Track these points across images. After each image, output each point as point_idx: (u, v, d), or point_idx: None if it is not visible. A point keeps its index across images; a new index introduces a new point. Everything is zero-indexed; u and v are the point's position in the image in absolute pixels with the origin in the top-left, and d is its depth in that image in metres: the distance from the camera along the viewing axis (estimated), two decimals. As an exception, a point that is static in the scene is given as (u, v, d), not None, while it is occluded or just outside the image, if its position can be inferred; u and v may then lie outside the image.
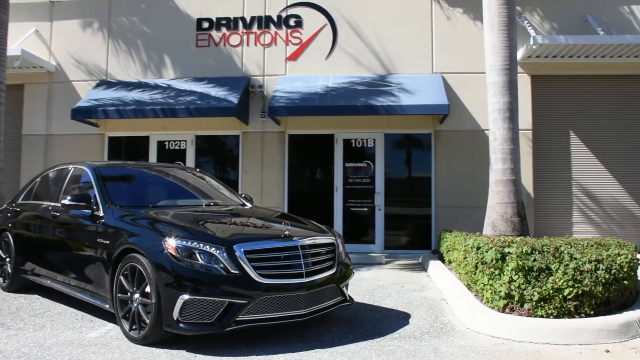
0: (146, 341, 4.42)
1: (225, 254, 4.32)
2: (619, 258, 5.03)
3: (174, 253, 4.32)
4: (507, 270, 4.98)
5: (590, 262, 4.84)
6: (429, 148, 11.29)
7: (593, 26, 10.60)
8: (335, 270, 4.94)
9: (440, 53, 11.18)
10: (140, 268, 4.47)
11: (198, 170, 7.23)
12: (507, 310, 4.89)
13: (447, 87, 10.83)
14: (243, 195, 6.64)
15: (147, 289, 4.43)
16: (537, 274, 4.88)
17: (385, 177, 11.31)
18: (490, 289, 5.13)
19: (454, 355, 4.23)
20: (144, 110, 10.50)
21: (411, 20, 11.27)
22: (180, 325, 4.24)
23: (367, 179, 11.35)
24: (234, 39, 11.58)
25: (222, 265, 4.29)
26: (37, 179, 6.84)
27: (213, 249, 4.33)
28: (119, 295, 4.73)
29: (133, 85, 11.43)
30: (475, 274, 5.59)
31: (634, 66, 10.70)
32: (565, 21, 10.98)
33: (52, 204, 6.05)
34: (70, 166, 6.29)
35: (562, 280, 4.66)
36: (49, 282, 5.98)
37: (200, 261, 4.30)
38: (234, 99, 10.61)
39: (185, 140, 11.66)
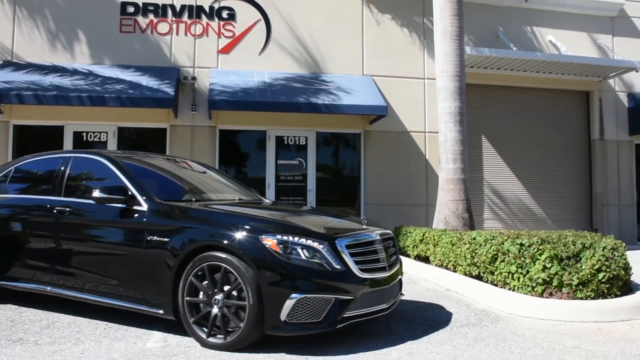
0: (237, 347, 4.09)
1: (328, 249, 4.18)
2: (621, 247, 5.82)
3: (276, 249, 4.07)
4: (540, 259, 5.47)
5: (608, 250, 5.53)
6: (358, 147, 11.68)
7: (504, 42, 11.81)
8: (400, 264, 5.03)
9: (370, 56, 11.62)
10: (229, 267, 4.12)
11: (185, 159, 6.71)
12: (545, 295, 5.37)
13: (377, 89, 11.30)
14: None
15: (234, 291, 4.11)
16: (567, 261, 5.44)
17: (317, 174, 11.47)
18: (522, 277, 5.58)
19: (535, 337, 4.57)
20: (68, 97, 9.47)
21: (344, 23, 11.56)
22: (288, 326, 4.02)
23: (299, 176, 11.41)
24: (163, 27, 10.90)
25: (325, 260, 4.15)
26: (9, 170, 5.86)
27: (316, 243, 4.16)
28: (188, 298, 4.30)
29: (47, 68, 10.20)
30: (493, 264, 6.02)
31: (538, 80, 12.13)
32: (478, 35, 12.08)
33: (54, 198, 5.25)
34: (69, 155, 5.51)
35: (596, 266, 5.27)
36: (49, 288, 5.18)
37: (304, 257, 4.11)
38: (168, 89, 10.01)
39: (106, 132, 10.69)
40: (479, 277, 6.35)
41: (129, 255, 4.66)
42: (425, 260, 7.94)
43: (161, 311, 4.49)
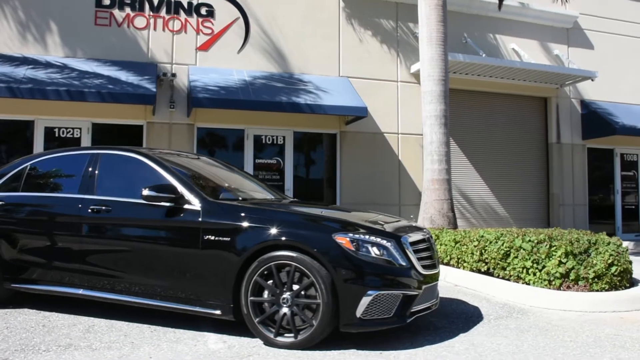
0: (308, 345, 4.12)
1: (395, 246, 4.30)
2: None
3: (349, 247, 4.14)
4: (556, 254, 5.84)
5: (616, 245, 5.99)
6: (335, 147, 11.83)
7: (472, 48, 12.33)
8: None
9: (346, 58, 11.81)
10: (300, 266, 4.14)
11: (199, 155, 6.59)
12: (562, 287, 5.75)
13: (352, 90, 11.49)
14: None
15: (304, 289, 4.15)
16: (580, 256, 5.85)
17: (294, 173, 11.54)
18: (538, 272, 5.94)
19: (572, 327, 4.90)
20: (44, 90, 9.04)
21: (321, 25, 11.68)
22: (362, 323, 4.11)
23: (277, 175, 11.42)
24: (140, 22, 10.59)
25: (393, 257, 4.26)
26: (23, 168, 5.55)
27: (384, 241, 4.27)
28: (253, 298, 4.28)
29: (18, 60, 9.68)
30: (505, 260, 6.35)
31: (501, 85, 12.74)
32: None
33: (87, 196, 5.03)
34: (96, 151, 5.29)
35: (609, 260, 5.70)
36: (81, 291, 4.98)
37: (374, 254, 4.21)
38: (149, 85, 9.76)
39: (79, 128, 10.27)
40: (487, 273, 6.66)
41: (182, 255, 4.58)
42: (420, 257, 8.20)
43: (218, 312, 4.43)
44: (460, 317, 5.27)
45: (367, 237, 4.25)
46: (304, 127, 11.51)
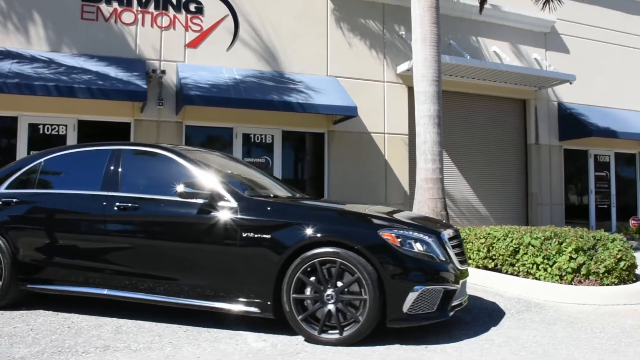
0: (354, 341, 4.12)
1: (436, 241, 4.36)
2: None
3: (395, 243, 4.18)
4: (567, 250, 6.03)
5: (623, 242, 6.23)
6: (322, 146, 11.83)
7: (457, 50, 12.57)
8: (465, 257, 5.32)
9: (334, 57, 11.84)
10: (345, 262, 4.13)
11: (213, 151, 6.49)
12: (574, 282, 5.94)
13: (340, 90, 11.53)
14: None
15: (349, 285, 4.16)
16: (589, 252, 6.06)
17: (283, 172, 11.48)
18: (549, 267, 6.11)
19: (594, 319, 5.08)
20: (31, 85, 8.72)
21: (310, 24, 11.67)
22: (409, 318, 4.14)
23: (265, 174, 11.33)
24: (127, 17, 10.34)
25: (434, 252, 4.32)
26: (37, 164, 5.35)
27: (426, 237, 4.33)
28: (295, 296, 4.25)
29: (2, 54, 9.32)
30: (514, 257, 6.51)
31: (482, 87, 13.00)
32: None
33: (112, 193, 4.90)
34: (118, 147, 5.13)
35: (618, 255, 5.93)
36: (106, 291, 4.85)
37: (418, 250, 4.25)
38: (140, 82, 9.57)
39: (65, 125, 9.94)
40: (494, 269, 6.81)
41: (218, 253, 4.51)
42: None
43: (257, 310, 4.38)
44: (482, 312, 5.38)
45: (410, 233, 4.30)
46: (292, 126, 11.48)
